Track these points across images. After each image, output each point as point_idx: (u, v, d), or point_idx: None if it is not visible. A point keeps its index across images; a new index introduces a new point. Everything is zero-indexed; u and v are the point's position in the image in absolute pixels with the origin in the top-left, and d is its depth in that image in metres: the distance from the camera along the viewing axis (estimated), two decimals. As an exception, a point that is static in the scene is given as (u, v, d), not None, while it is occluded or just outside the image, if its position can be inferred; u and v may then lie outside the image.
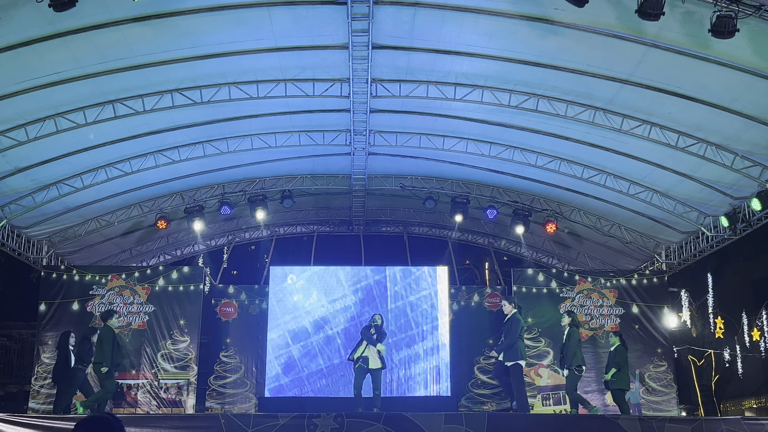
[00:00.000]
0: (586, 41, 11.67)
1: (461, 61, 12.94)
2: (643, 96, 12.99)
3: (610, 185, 16.42)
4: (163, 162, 16.11)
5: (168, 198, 18.14)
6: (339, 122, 15.67)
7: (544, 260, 22.39)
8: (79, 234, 18.16)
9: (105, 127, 14.09)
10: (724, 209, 15.72)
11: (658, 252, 18.93)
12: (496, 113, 14.62)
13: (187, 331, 17.61)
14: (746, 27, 9.90)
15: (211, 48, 12.45)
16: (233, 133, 15.77)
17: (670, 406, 17.35)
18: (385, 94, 13.95)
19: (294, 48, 12.76)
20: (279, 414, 10.67)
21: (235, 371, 18.41)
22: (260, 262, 24.70)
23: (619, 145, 14.96)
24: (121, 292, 17.74)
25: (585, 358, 17.55)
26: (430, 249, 23.84)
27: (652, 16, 9.67)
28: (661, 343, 17.98)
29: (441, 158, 17.13)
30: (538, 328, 17.96)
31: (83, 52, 11.79)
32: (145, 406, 16.81)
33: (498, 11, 11.31)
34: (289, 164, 17.73)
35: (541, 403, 17.37)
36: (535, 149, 16.08)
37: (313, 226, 22.38)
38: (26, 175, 15.17)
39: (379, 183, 18.45)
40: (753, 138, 13.23)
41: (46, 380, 16.91)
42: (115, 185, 16.61)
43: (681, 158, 14.51)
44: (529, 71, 12.97)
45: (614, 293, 18.23)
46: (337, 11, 11.57)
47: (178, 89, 13.53)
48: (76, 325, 17.34)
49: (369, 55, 12.58)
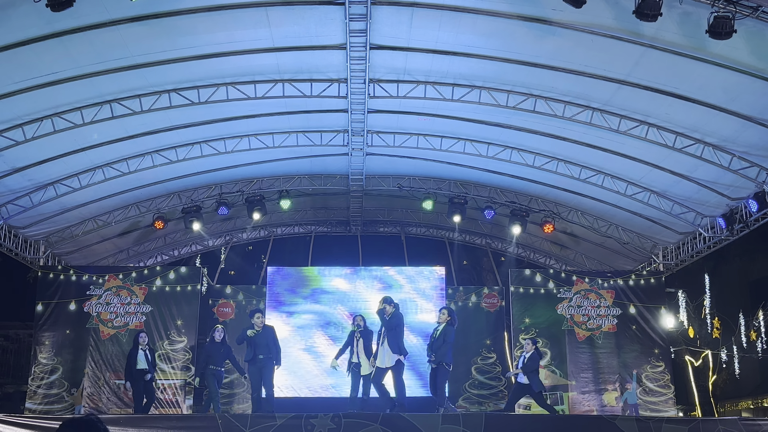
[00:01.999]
0: (583, 42, 11.68)
1: (459, 61, 12.94)
2: (640, 97, 13.00)
3: (608, 186, 16.44)
4: (161, 162, 16.10)
5: (165, 198, 18.13)
6: (336, 122, 15.67)
7: (541, 261, 22.41)
8: (77, 234, 18.14)
9: (102, 127, 14.08)
10: (722, 210, 15.74)
11: (655, 252, 18.95)
12: (493, 114, 14.63)
13: (185, 331, 17.59)
14: (743, 28, 9.91)
15: (209, 48, 12.45)
16: (231, 133, 15.77)
17: (667, 407, 17.38)
18: (383, 94, 13.95)
19: (291, 48, 12.76)
20: (276, 414, 10.67)
21: (232, 371, 18.37)
22: (258, 262, 24.71)
23: (616, 145, 14.97)
24: (119, 293, 17.72)
25: (583, 359, 17.70)
26: (427, 249, 23.86)
27: (649, 17, 9.69)
28: (658, 343, 18.00)
29: (438, 159, 17.13)
30: (535, 329, 17.96)
31: (81, 52, 11.78)
32: (143, 407, 16.79)
33: (495, 12, 11.31)
34: (286, 164, 17.73)
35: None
36: (533, 150, 16.10)
37: (311, 226, 22.38)
38: (23, 175, 15.15)
39: (376, 183, 18.45)
40: (750, 139, 13.24)
41: (43, 380, 16.91)
42: (112, 185, 16.59)
43: (678, 159, 14.52)
44: (527, 72, 12.97)
45: (611, 294, 18.24)
46: (335, 11, 11.57)
47: (175, 89, 13.53)
48: (73, 325, 17.36)
49: (367, 55, 12.58)
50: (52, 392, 16.89)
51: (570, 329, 17.89)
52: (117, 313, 17.54)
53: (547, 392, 17.47)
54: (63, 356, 17.13)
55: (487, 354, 18.92)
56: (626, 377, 17.52)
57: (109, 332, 17.41)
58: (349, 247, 22.72)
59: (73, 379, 16.99)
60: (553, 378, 17.53)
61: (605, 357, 17.72)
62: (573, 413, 16.93)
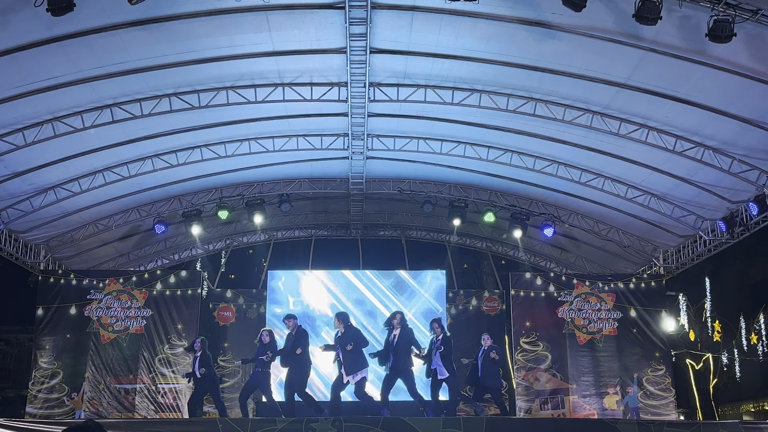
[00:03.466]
0: (583, 45, 11.70)
1: (459, 65, 12.95)
2: (640, 100, 13.02)
3: (608, 189, 16.44)
4: (161, 166, 16.10)
5: (166, 202, 18.12)
6: (337, 126, 15.68)
7: (542, 264, 22.39)
8: (77, 238, 18.13)
9: (103, 132, 14.08)
10: (722, 213, 15.74)
11: (655, 256, 18.94)
12: (493, 117, 14.64)
13: (185, 335, 17.56)
14: (743, 31, 9.93)
15: (209, 52, 12.46)
16: (231, 137, 15.77)
17: (668, 410, 17.35)
18: (383, 98, 13.96)
19: (292, 52, 12.77)
20: (277, 418, 10.68)
21: (232, 376, 18.39)
22: (258, 266, 24.68)
23: (616, 149, 14.98)
24: (119, 297, 17.69)
25: (583, 362, 17.69)
26: (428, 253, 23.82)
27: (649, 20, 9.70)
28: (659, 346, 17.98)
29: (439, 162, 17.13)
30: (536, 332, 17.94)
31: (81, 56, 11.80)
32: (143, 411, 16.78)
33: (495, 15, 11.32)
34: (287, 168, 17.73)
35: (539, 407, 17.35)
36: (533, 153, 16.10)
37: (311, 230, 22.38)
38: (24, 180, 15.16)
39: (377, 187, 18.44)
40: (750, 142, 13.25)
41: (44, 385, 16.90)
42: (112, 189, 16.59)
43: (678, 162, 14.52)
44: (527, 75, 12.99)
45: (612, 297, 18.23)
46: (335, 16, 11.59)
47: (175, 93, 13.54)
48: (74, 329, 17.34)
49: (367, 59, 12.60)
50: (53, 396, 16.87)
51: (571, 333, 17.87)
52: (117, 317, 17.51)
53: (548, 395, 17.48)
54: (63, 360, 17.11)
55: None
56: (627, 381, 17.50)
57: (110, 336, 17.38)
58: (349, 251, 22.69)
59: (74, 383, 16.97)
60: (554, 382, 17.50)
61: (606, 360, 17.69)
62: (574, 417, 16.90)
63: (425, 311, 18.64)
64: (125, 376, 17.06)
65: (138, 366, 17.22)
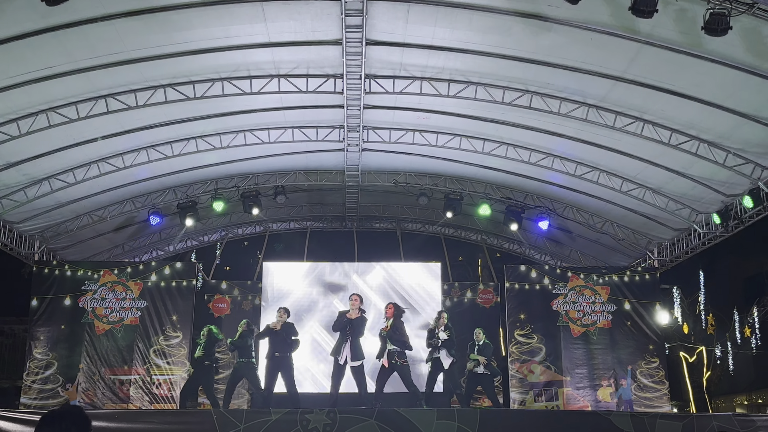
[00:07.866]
0: (579, 38, 11.69)
1: (455, 57, 12.94)
2: (636, 93, 13.02)
3: (603, 182, 16.47)
4: (156, 157, 16.07)
5: (161, 193, 18.10)
6: (332, 118, 15.66)
7: (536, 257, 22.43)
8: (72, 229, 18.11)
9: (98, 122, 14.04)
10: (716, 206, 15.78)
11: (650, 249, 18.99)
12: (489, 110, 14.63)
13: (180, 326, 17.55)
14: (739, 24, 9.93)
15: (205, 43, 12.42)
16: (226, 128, 15.75)
17: (661, 403, 17.41)
18: (379, 90, 13.95)
19: (287, 43, 12.74)
20: (271, 409, 10.68)
21: (227, 367, 18.34)
22: (253, 257, 24.68)
23: (612, 142, 15.00)
24: (114, 288, 17.66)
25: (577, 354, 17.74)
26: (423, 245, 23.85)
27: (645, 13, 9.69)
28: (652, 339, 18.02)
29: (434, 154, 17.13)
30: (530, 325, 17.98)
31: (76, 46, 11.75)
32: (138, 402, 16.77)
33: (492, 8, 11.31)
34: (282, 160, 17.71)
35: (533, 399, 17.41)
36: (529, 146, 16.11)
37: (307, 222, 22.38)
38: (18, 170, 15.12)
39: (372, 179, 18.44)
40: (745, 135, 13.28)
41: (38, 375, 16.88)
42: (107, 180, 16.56)
43: (673, 155, 14.55)
44: (523, 68, 12.98)
45: (606, 290, 18.26)
46: (331, 7, 11.56)
47: (171, 84, 13.50)
48: (68, 320, 17.32)
49: (363, 50, 12.57)
50: (47, 387, 16.85)
51: (565, 325, 17.91)
52: (112, 308, 17.47)
53: (542, 387, 17.54)
54: (58, 351, 17.08)
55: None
56: (621, 373, 17.55)
57: (104, 327, 17.35)
58: (344, 243, 22.71)
59: (68, 374, 16.95)
60: (548, 374, 17.55)
61: (600, 353, 17.74)
62: (568, 409, 16.96)
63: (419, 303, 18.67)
64: (120, 367, 17.05)
65: (133, 357, 17.21)
